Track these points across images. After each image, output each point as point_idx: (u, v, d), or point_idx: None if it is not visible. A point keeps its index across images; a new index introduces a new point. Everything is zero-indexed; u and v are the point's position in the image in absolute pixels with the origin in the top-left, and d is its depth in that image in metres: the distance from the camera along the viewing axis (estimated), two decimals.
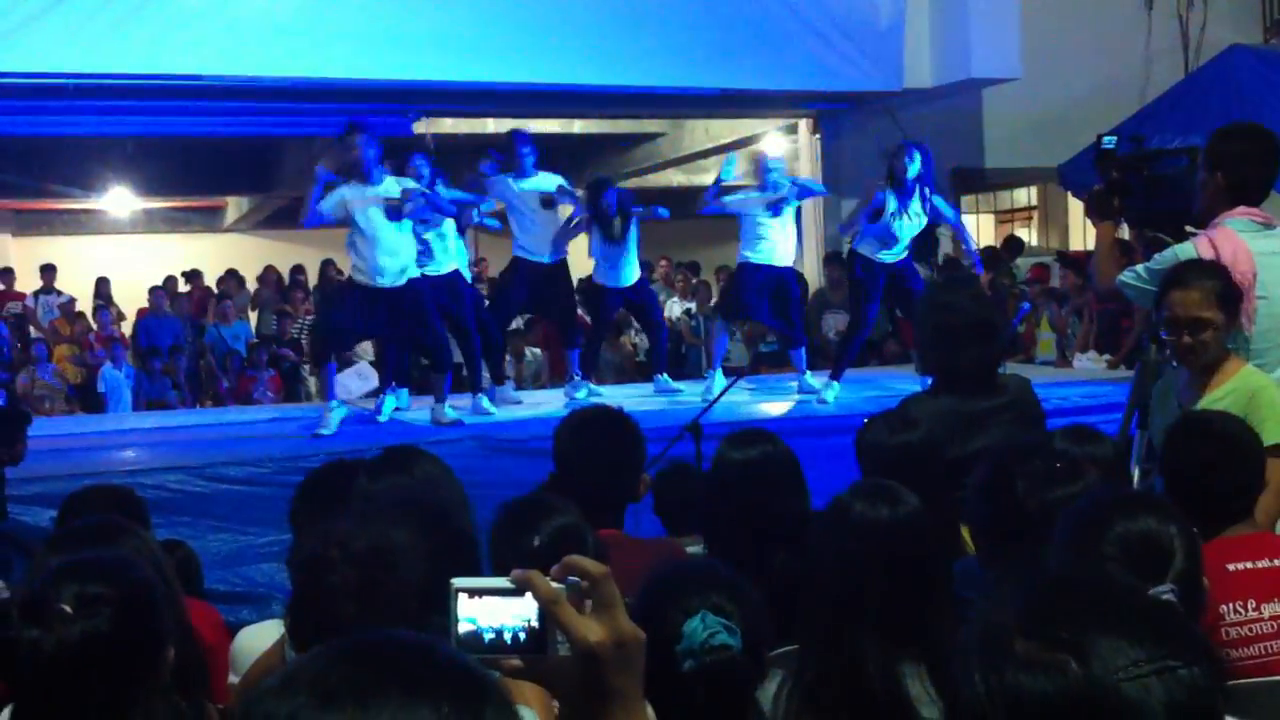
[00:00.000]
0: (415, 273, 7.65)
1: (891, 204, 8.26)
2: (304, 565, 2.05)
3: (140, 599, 2.11)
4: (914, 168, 8.26)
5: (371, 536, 1.98)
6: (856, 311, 8.73)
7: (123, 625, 2.06)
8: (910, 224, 8.33)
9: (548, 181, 8.58)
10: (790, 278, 8.95)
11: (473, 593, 1.34)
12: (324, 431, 7.47)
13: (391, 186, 7.48)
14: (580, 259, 9.20)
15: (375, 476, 3.06)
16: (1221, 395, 3.77)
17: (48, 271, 15.17)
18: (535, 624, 1.33)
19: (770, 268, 8.68)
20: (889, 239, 8.34)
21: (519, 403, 8.75)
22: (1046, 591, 1.28)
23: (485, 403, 8.24)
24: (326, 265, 16.05)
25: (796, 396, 8.67)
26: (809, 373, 8.88)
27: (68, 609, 2.03)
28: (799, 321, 8.98)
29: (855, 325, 8.72)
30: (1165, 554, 2.20)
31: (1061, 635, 1.17)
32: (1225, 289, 3.85)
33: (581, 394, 8.71)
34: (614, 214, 8.64)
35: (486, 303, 9.19)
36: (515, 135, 8.63)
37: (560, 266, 8.74)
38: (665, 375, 9.23)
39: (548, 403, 8.65)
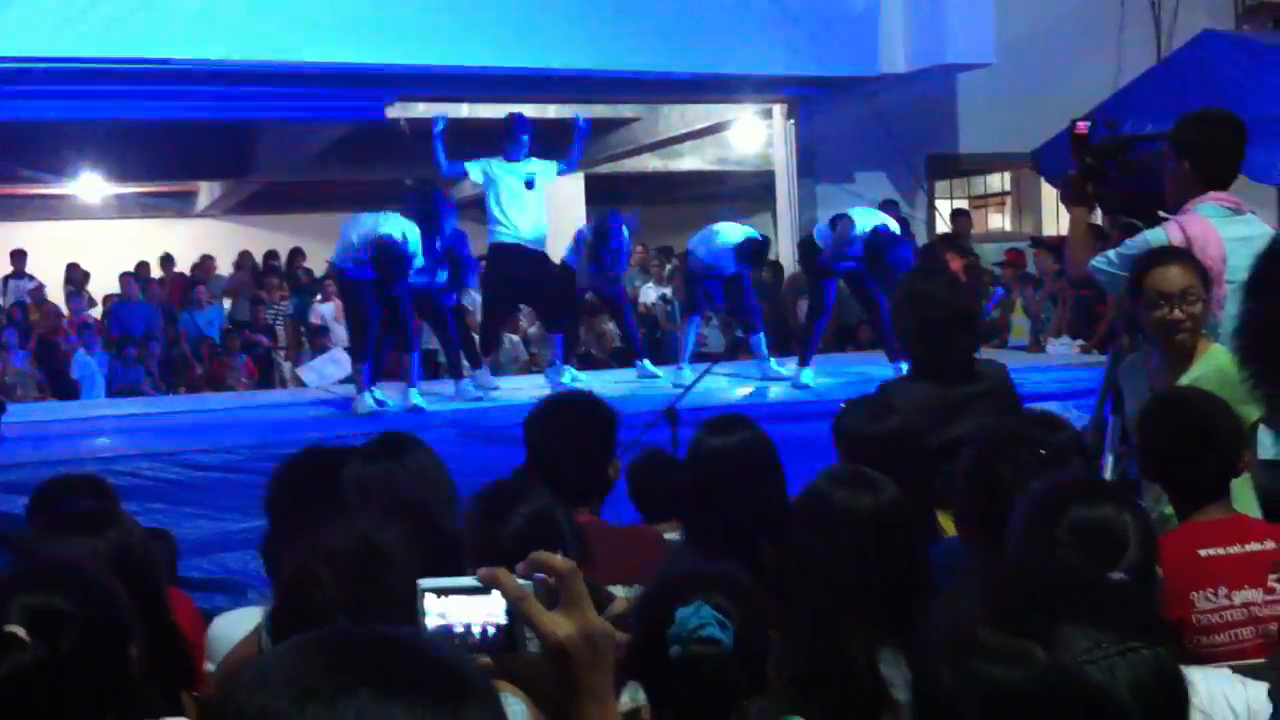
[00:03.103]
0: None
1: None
2: (289, 581, 2.02)
3: (99, 606, 2.01)
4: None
5: (357, 547, 1.93)
6: (815, 294, 8.77)
7: (84, 639, 1.95)
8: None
9: (538, 167, 8.58)
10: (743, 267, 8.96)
11: (440, 592, 1.34)
12: (361, 410, 7.59)
13: None
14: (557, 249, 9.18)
15: (369, 461, 3.06)
16: (1197, 378, 3.79)
17: (18, 257, 15.05)
18: (504, 621, 1.33)
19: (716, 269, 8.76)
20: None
21: (496, 389, 8.74)
22: (1008, 580, 1.28)
23: (470, 388, 8.24)
24: (295, 254, 15.99)
25: (768, 383, 8.68)
26: (772, 359, 8.92)
27: (21, 633, 1.90)
28: (754, 307, 8.98)
29: (815, 308, 8.75)
30: (1120, 543, 2.20)
31: (1025, 622, 1.18)
32: (1202, 268, 3.89)
33: (567, 378, 8.71)
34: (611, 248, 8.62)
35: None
36: (515, 119, 8.61)
37: (542, 251, 8.73)
38: (646, 360, 9.23)
39: (526, 389, 8.64)
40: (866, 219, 8.33)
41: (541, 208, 8.63)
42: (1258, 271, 1.76)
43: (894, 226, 8.43)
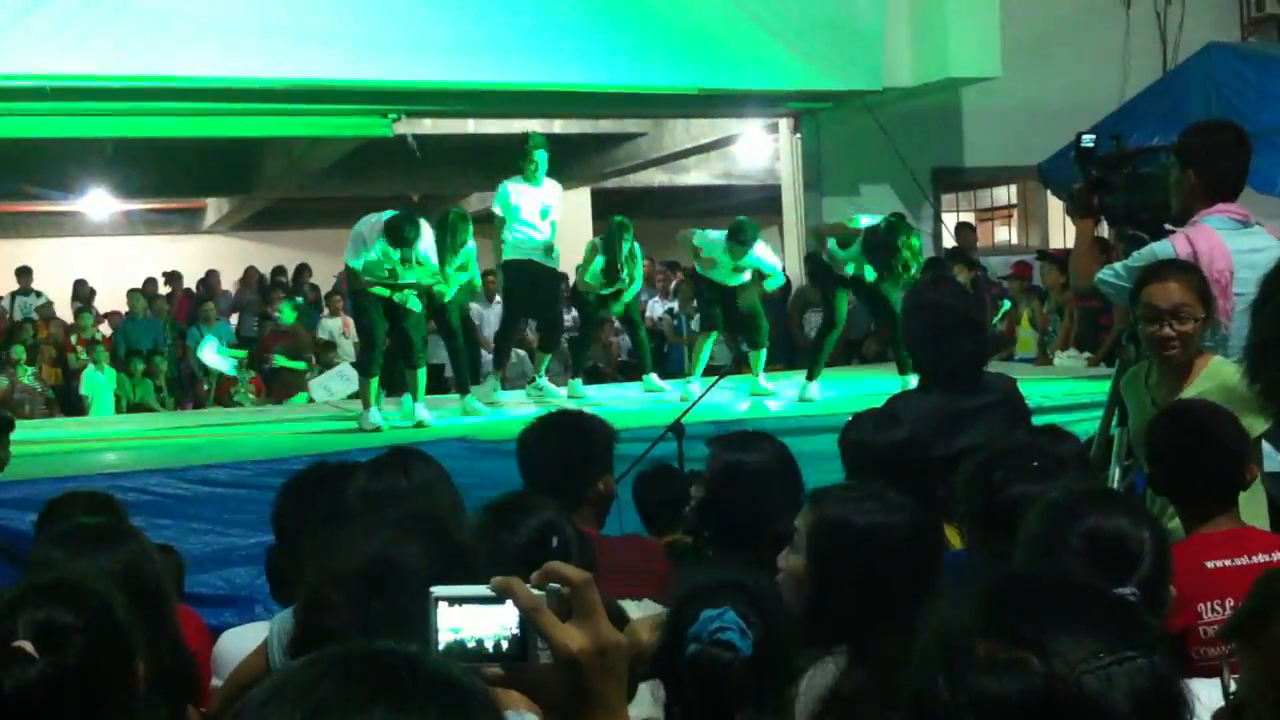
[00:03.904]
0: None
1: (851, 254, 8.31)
2: (304, 606, 2.02)
3: (104, 622, 2.02)
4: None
5: (371, 567, 1.92)
6: (827, 309, 8.78)
7: (89, 654, 1.96)
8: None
9: (553, 193, 8.64)
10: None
11: (453, 601, 1.33)
12: (367, 426, 7.63)
13: None
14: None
15: (374, 476, 3.06)
16: (1197, 393, 3.78)
17: (23, 274, 15.08)
18: (517, 631, 1.32)
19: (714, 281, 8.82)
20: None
21: (501, 404, 8.75)
22: (1002, 591, 1.28)
23: (473, 403, 8.26)
24: (301, 269, 16.02)
25: (779, 398, 8.68)
26: (760, 376, 8.93)
27: (28, 647, 1.91)
28: (752, 321, 8.96)
29: (827, 323, 8.75)
30: (1134, 556, 2.20)
31: (1021, 633, 1.18)
32: (1203, 285, 3.88)
33: (574, 391, 8.78)
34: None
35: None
36: (531, 138, 8.65)
37: (553, 268, 8.78)
38: (651, 375, 9.25)
39: (530, 403, 8.64)
40: (866, 220, 8.31)
41: (554, 226, 8.67)
42: (1264, 290, 1.77)
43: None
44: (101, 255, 18.65)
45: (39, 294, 14.90)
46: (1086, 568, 2.13)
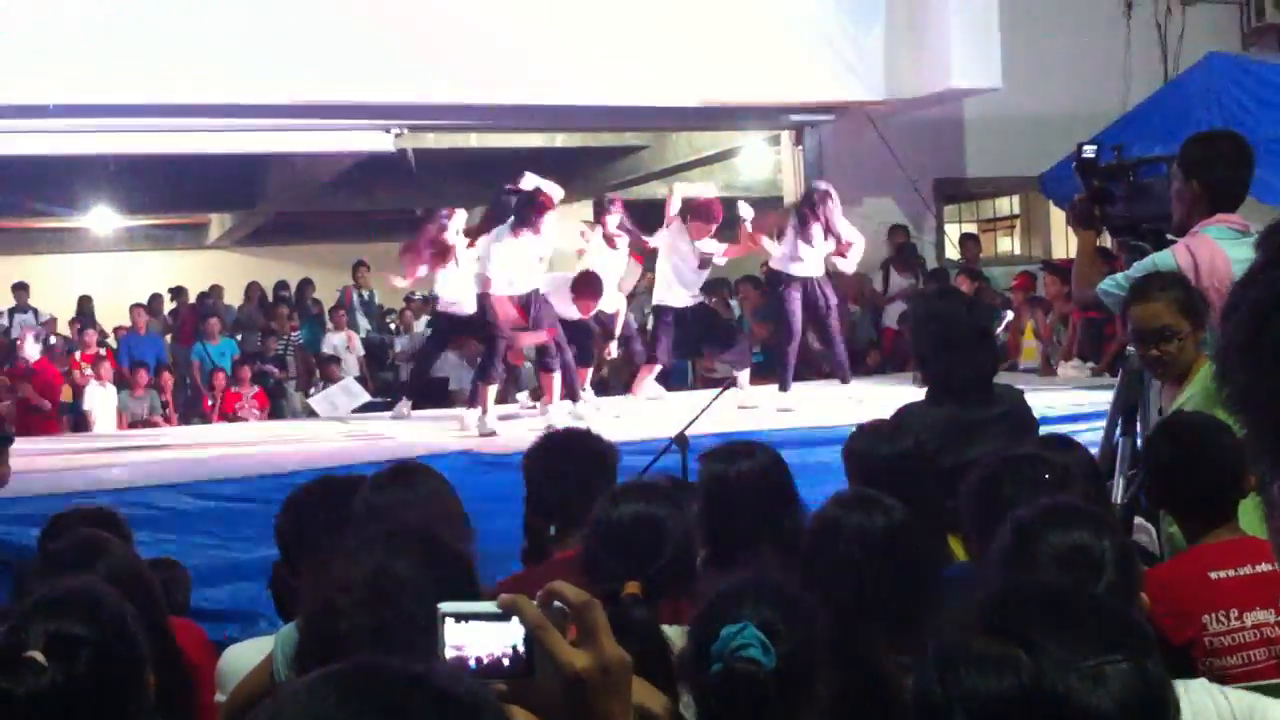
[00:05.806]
0: None
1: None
2: (312, 614, 2.02)
3: (115, 634, 2.04)
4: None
5: (374, 575, 1.92)
6: (780, 324, 9.10)
7: (99, 665, 1.98)
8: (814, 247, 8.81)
9: None
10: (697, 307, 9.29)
11: (459, 617, 1.34)
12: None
13: None
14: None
15: (380, 489, 3.06)
16: (1188, 396, 3.80)
17: (20, 290, 15.04)
18: (522, 648, 1.33)
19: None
20: (797, 257, 8.81)
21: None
22: (997, 595, 1.31)
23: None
24: (305, 284, 16.04)
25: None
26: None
27: (39, 657, 1.94)
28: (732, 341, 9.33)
29: (783, 336, 9.06)
30: (1097, 567, 2.22)
31: (1012, 631, 1.20)
32: (1188, 297, 3.89)
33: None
34: None
35: None
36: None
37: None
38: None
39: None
40: None
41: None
42: (1235, 296, 1.79)
43: None
44: (105, 271, 18.65)
45: (37, 310, 14.87)
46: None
